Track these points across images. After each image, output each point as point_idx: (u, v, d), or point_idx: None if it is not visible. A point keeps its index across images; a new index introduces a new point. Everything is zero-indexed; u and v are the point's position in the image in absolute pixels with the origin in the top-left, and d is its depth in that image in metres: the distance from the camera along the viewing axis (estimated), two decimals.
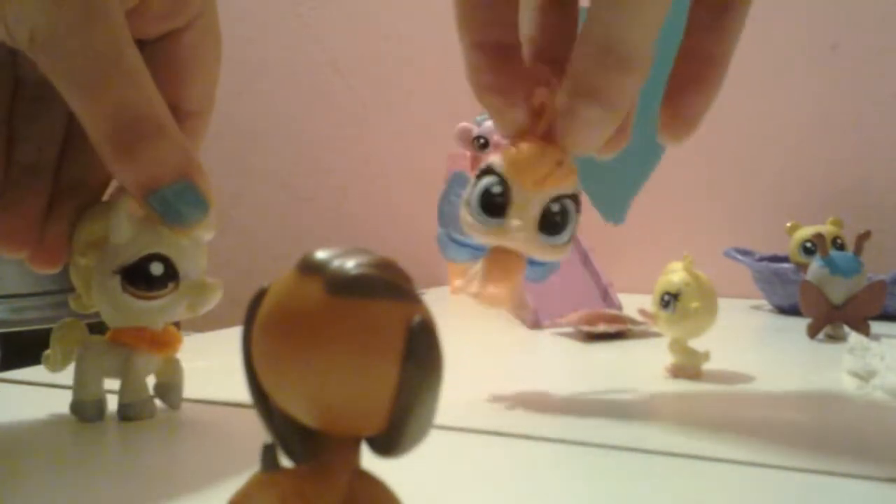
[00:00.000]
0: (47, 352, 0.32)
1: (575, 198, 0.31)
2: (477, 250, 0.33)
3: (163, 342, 0.31)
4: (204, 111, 0.32)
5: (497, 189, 0.30)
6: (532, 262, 0.33)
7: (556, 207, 0.30)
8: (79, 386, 0.31)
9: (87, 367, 0.31)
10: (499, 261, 0.32)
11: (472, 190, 0.31)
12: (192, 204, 0.28)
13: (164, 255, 0.29)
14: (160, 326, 0.31)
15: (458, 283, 0.34)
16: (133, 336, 0.30)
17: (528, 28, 0.32)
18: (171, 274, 0.29)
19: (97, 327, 0.31)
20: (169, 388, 0.32)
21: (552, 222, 0.30)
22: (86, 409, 0.31)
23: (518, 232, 0.30)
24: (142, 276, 0.29)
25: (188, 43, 0.31)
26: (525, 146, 0.30)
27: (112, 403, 0.31)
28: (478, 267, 0.33)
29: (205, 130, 0.33)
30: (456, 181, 0.34)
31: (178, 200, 0.28)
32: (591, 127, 0.29)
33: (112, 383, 0.31)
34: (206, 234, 0.30)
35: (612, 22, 0.27)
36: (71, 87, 0.26)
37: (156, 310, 0.30)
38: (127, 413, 0.31)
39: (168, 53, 0.31)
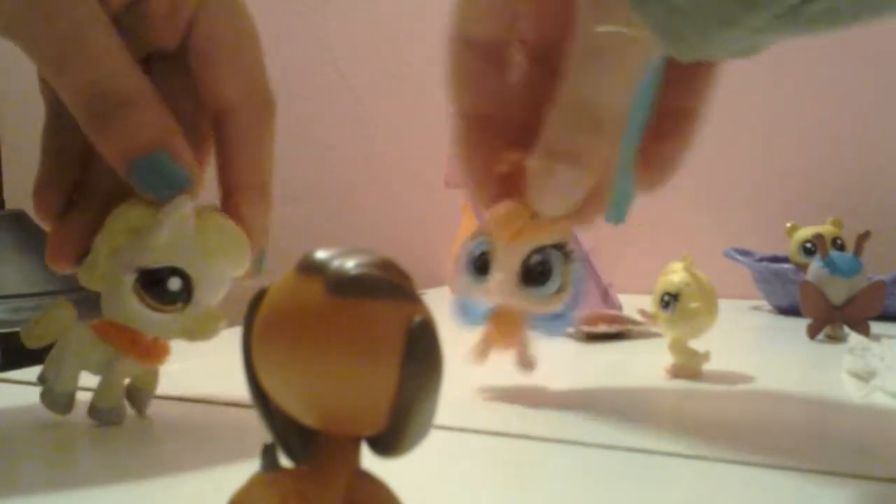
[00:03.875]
0: (28, 324, 0.30)
1: (561, 246, 0.32)
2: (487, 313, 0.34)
3: (152, 353, 0.30)
4: (247, 102, 0.31)
5: (482, 248, 0.32)
6: (542, 317, 0.33)
7: (536, 259, 0.31)
8: (56, 373, 0.29)
9: (67, 356, 0.29)
10: (499, 321, 0.33)
11: (463, 252, 0.32)
12: (166, 174, 0.28)
13: (187, 273, 0.28)
14: (151, 335, 0.29)
15: (472, 347, 0.34)
16: (124, 338, 0.29)
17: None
18: (186, 294, 0.28)
19: (87, 305, 0.30)
20: (141, 394, 0.31)
21: (533, 273, 0.31)
22: (56, 401, 0.29)
23: (501, 286, 0.31)
24: (157, 286, 0.28)
25: (204, 33, 0.31)
26: (501, 204, 0.32)
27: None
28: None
29: (259, 122, 0.32)
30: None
31: (151, 171, 0.28)
32: (563, 189, 0.30)
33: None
34: (236, 270, 0.30)
35: (585, 84, 0.28)
36: (43, 67, 0.28)
37: (153, 322, 0.29)
38: (98, 417, 0.29)
39: (193, 51, 0.31)
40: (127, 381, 0.30)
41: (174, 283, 0.28)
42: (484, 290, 0.32)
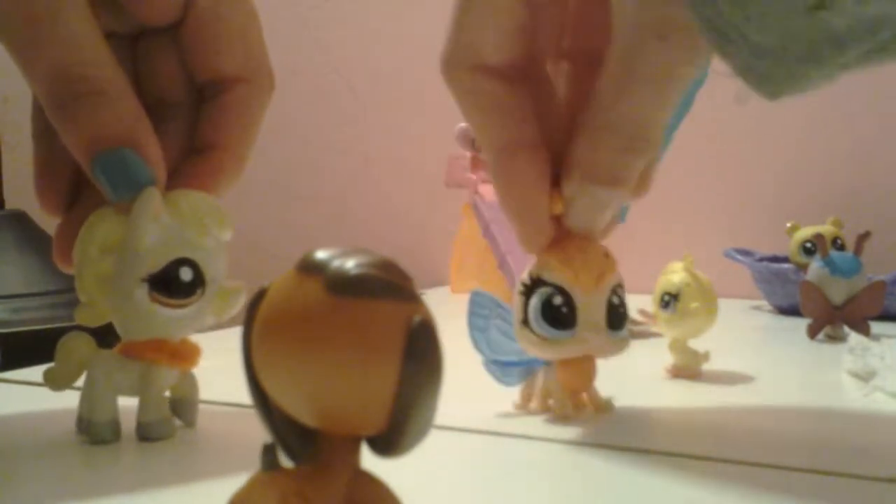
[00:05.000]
0: (50, 368, 0.29)
1: (622, 286, 0.31)
2: (530, 364, 0.32)
3: (183, 355, 0.29)
4: (250, 75, 0.31)
5: (558, 300, 0.29)
6: (505, 364, 0.32)
7: (616, 300, 0.30)
8: (91, 406, 0.28)
9: (99, 385, 0.28)
10: (575, 370, 0.31)
11: (527, 308, 0.30)
12: (130, 172, 0.27)
13: (192, 260, 0.27)
14: (179, 338, 0.29)
15: (517, 403, 0.33)
16: (152, 349, 0.28)
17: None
18: (199, 279, 0.28)
19: (100, 339, 0.29)
20: (185, 404, 0.30)
21: (617, 315, 0.30)
22: (101, 432, 0.28)
23: (595, 335, 0.29)
24: (171, 283, 0.27)
25: (205, 5, 0.30)
26: (570, 248, 0.30)
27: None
28: (539, 382, 0.32)
29: (261, 93, 0.31)
30: (476, 303, 0.33)
31: (115, 167, 0.27)
32: (602, 208, 0.29)
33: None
34: (225, 234, 0.29)
35: (634, 106, 0.27)
36: (10, 50, 0.27)
37: (186, 319, 0.28)
38: (147, 433, 0.28)
39: (192, 24, 0.30)
40: (167, 394, 0.29)
41: (186, 273, 0.27)
42: (566, 343, 0.30)
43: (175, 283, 0.27)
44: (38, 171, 0.31)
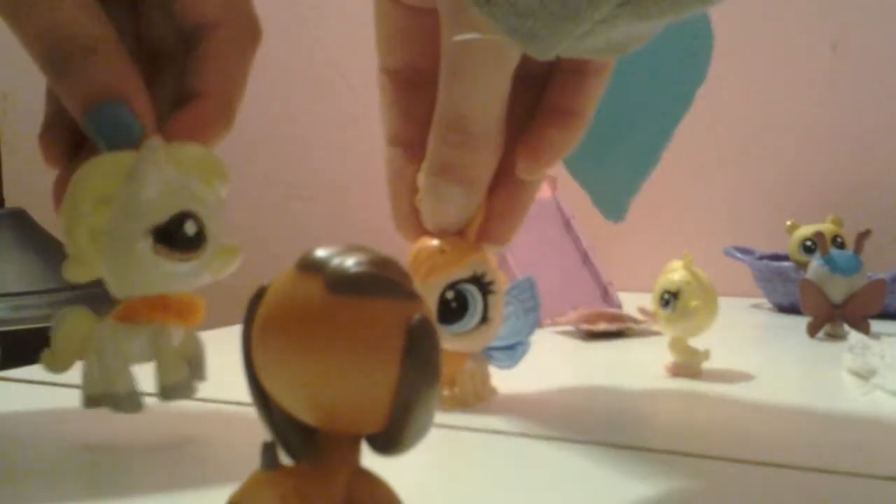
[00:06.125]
0: (48, 350, 0.28)
1: (477, 279, 0.31)
2: (514, 347, 0.34)
3: (189, 310, 0.28)
4: (230, 20, 0.30)
5: None
6: (493, 349, 0.33)
7: (450, 295, 0.31)
8: (109, 379, 0.27)
9: (108, 359, 0.27)
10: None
11: None
12: (122, 126, 0.27)
13: (196, 214, 0.27)
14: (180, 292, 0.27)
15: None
16: (160, 308, 0.27)
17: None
18: (201, 234, 0.27)
19: (94, 298, 0.28)
20: (194, 361, 0.28)
21: (448, 310, 0.31)
22: (127, 404, 0.27)
23: None
24: (175, 236, 0.26)
25: None
26: (413, 247, 0.32)
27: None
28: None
29: (242, 38, 0.30)
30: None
31: (107, 121, 0.27)
32: (447, 202, 0.31)
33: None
34: (224, 189, 0.28)
35: (452, 98, 0.29)
36: (6, 13, 0.27)
37: (187, 275, 0.27)
38: (172, 395, 0.27)
39: None
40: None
41: (191, 227, 0.26)
42: None
43: (179, 236, 0.26)
44: (44, 124, 0.31)
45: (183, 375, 0.27)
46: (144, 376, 0.27)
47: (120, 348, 0.27)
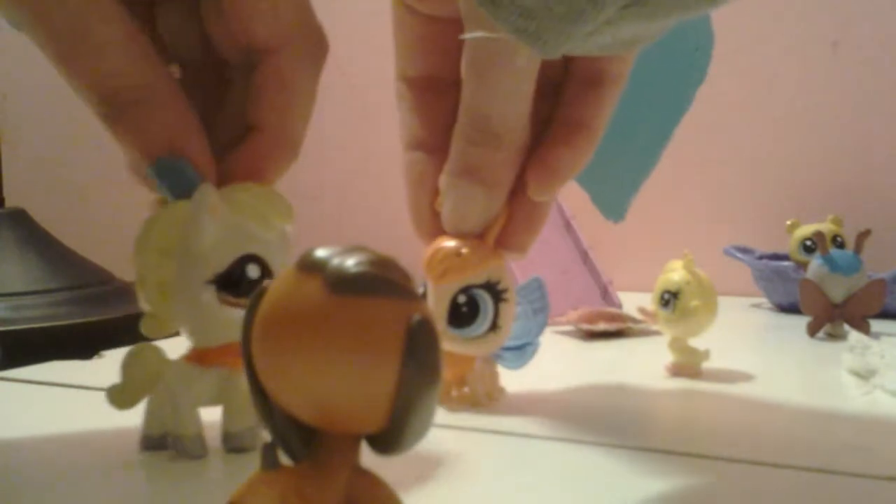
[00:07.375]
0: (115, 385, 0.27)
1: (491, 286, 0.31)
2: (524, 347, 0.34)
3: None
4: (285, 41, 0.28)
5: (421, 290, 0.31)
6: (502, 349, 0.33)
7: (462, 299, 0.31)
8: (177, 421, 0.26)
9: (181, 398, 0.26)
10: (448, 363, 0.33)
11: None
12: (181, 178, 0.26)
13: (258, 256, 0.26)
14: None
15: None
16: (232, 354, 0.25)
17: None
18: (267, 275, 0.26)
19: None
20: None
21: (458, 314, 0.31)
22: (191, 447, 0.26)
23: None
24: (238, 282, 0.26)
25: None
26: (430, 246, 0.32)
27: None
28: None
29: (302, 60, 0.29)
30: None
31: (162, 174, 0.26)
32: (469, 204, 0.30)
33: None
34: (288, 225, 0.27)
35: (476, 99, 0.28)
36: (54, 64, 0.26)
37: None
38: (237, 444, 0.26)
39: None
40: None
41: (253, 270, 0.26)
42: None
43: (242, 282, 0.26)
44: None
45: (250, 423, 0.27)
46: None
47: (188, 389, 0.26)
